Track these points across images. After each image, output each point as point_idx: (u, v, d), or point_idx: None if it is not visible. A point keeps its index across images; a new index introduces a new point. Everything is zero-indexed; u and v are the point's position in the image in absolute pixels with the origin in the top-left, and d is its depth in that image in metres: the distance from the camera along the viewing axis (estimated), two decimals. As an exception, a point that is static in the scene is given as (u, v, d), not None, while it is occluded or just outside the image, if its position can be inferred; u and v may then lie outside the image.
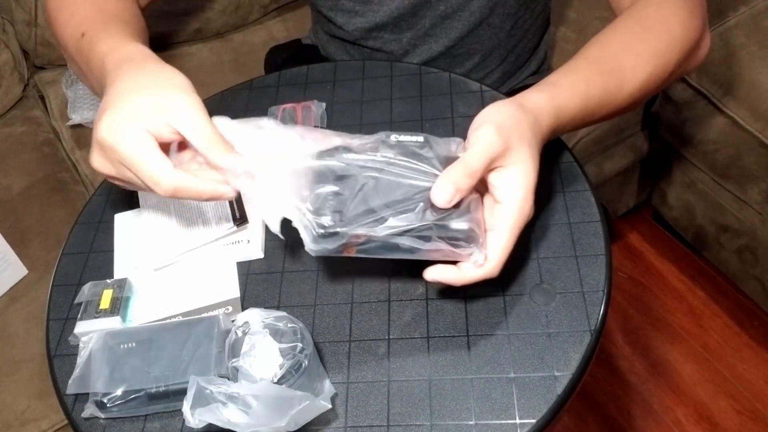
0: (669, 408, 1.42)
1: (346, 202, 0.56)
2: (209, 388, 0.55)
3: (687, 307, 1.56)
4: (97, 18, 0.72)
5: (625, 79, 0.67)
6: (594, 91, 0.65)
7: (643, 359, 1.49)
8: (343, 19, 1.00)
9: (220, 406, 0.55)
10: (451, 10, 0.95)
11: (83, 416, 0.63)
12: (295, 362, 0.56)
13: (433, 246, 0.56)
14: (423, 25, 0.97)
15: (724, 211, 1.35)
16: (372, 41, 1.01)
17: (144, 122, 0.57)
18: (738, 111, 1.22)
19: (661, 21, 0.69)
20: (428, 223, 0.55)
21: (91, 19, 0.72)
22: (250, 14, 1.49)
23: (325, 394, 0.58)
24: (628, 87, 0.67)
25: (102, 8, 0.74)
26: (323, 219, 0.55)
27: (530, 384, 0.60)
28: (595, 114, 0.67)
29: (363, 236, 0.55)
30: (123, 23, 0.72)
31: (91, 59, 0.67)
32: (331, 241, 0.56)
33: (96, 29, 0.70)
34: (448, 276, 0.58)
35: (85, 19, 0.72)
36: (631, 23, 0.69)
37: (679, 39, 0.69)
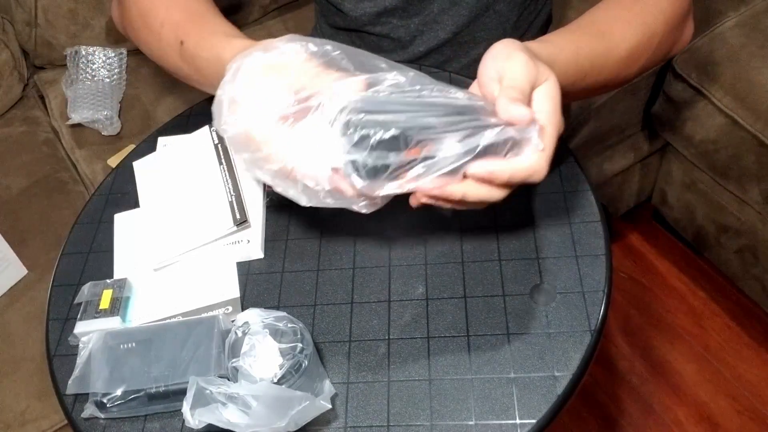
0: (669, 408, 1.42)
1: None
2: (209, 388, 0.55)
3: (687, 307, 1.56)
4: (188, 22, 0.71)
5: (613, 44, 0.70)
6: (584, 51, 0.67)
7: (644, 359, 1.49)
8: (351, 4, 1.00)
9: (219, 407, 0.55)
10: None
11: (83, 416, 0.63)
12: (295, 362, 0.56)
13: (499, 134, 0.53)
14: (431, 10, 0.97)
15: (724, 211, 1.35)
16: (380, 27, 1.01)
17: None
18: (738, 111, 1.22)
19: (647, 1, 0.73)
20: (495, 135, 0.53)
21: (183, 24, 0.71)
22: (250, 14, 1.50)
23: (325, 394, 0.58)
24: (616, 52, 0.70)
25: (187, 9, 0.73)
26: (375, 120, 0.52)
27: (530, 384, 0.60)
28: (588, 75, 0.68)
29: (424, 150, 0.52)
30: (212, 18, 0.71)
31: (202, 67, 0.68)
32: (382, 156, 0.52)
33: (192, 35, 0.70)
34: (498, 168, 0.54)
35: (177, 26, 0.72)
36: (614, 4, 0.73)
37: (664, 13, 0.73)
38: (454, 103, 0.54)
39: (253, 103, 0.56)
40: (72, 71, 1.36)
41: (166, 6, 0.74)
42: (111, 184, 0.83)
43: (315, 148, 0.54)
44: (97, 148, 1.31)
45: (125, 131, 1.33)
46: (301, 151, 0.55)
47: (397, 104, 0.53)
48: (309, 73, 0.56)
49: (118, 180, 0.83)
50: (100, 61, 1.36)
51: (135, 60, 1.40)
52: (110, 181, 0.83)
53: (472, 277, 0.67)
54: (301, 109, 0.55)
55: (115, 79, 1.37)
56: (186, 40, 0.70)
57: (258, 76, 0.57)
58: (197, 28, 0.70)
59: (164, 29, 0.73)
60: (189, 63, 0.70)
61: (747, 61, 1.23)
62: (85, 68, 1.35)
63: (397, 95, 0.54)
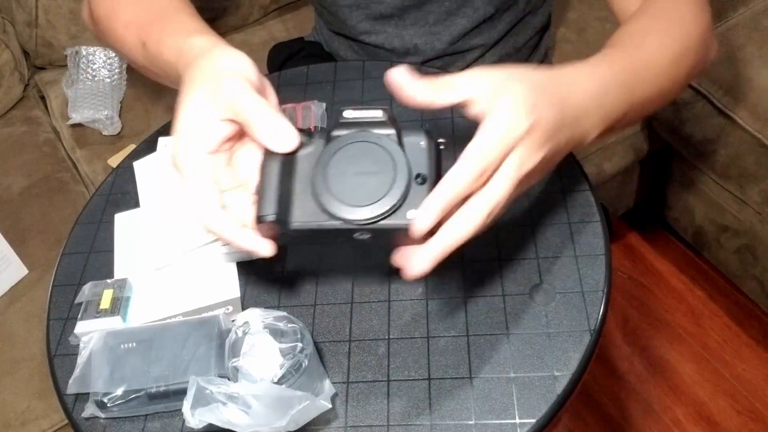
0: (668, 408, 1.42)
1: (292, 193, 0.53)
2: (209, 388, 0.55)
3: (687, 307, 1.56)
4: (151, 22, 0.69)
5: (653, 55, 0.64)
6: (623, 64, 0.61)
7: (643, 359, 1.49)
8: (346, 12, 1.00)
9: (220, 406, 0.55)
10: (455, 6, 0.95)
11: (83, 416, 0.63)
12: (295, 362, 0.57)
13: None
14: (427, 21, 0.97)
15: (723, 211, 1.35)
16: (375, 36, 1.01)
17: (202, 136, 0.55)
18: (738, 111, 1.22)
19: (676, 13, 0.68)
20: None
21: (145, 25, 0.69)
22: (251, 15, 1.50)
23: (325, 394, 0.59)
24: (658, 62, 0.64)
25: (151, 8, 0.70)
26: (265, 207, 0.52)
27: (530, 384, 0.60)
28: (635, 89, 0.61)
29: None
30: (175, 16, 0.68)
31: (165, 69, 0.66)
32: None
33: (153, 36, 0.67)
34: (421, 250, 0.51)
35: (140, 27, 0.69)
36: (646, 19, 0.68)
37: (696, 30, 0.69)
38: None
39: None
40: (72, 71, 1.36)
41: (131, 6, 0.72)
42: (111, 184, 0.83)
43: None
44: (97, 148, 1.31)
45: (126, 131, 1.33)
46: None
47: None
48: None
49: (118, 180, 0.83)
50: (100, 61, 1.37)
51: (135, 60, 1.40)
52: (111, 181, 0.83)
53: (471, 276, 0.67)
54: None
55: (116, 79, 1.37)
56: (147, 42, 0.68)
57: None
58: (159, 29, 0.67)
59: (128, 30, 0.71)
60: (153, 64, 0.68)
61: (747, 62, 1.23)
62: (85, 68, 1.36)
63: None
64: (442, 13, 0.96)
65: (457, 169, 0.48)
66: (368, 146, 0.52)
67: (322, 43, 1.15)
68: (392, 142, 0.52)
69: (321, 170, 0.52)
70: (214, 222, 0.54)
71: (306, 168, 0.53)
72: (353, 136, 0.52)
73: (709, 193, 1.37)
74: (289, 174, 0.53)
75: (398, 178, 0.50)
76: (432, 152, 0.52)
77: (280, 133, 0.53)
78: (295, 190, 0.52)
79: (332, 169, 0.52)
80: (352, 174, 0.51)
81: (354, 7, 0.99)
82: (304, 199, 0.52)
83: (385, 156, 0.51)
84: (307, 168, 0.52)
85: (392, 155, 0.51)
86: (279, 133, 0.53)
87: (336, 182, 0.51)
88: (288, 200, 0.52)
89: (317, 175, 0.52)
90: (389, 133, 0.52)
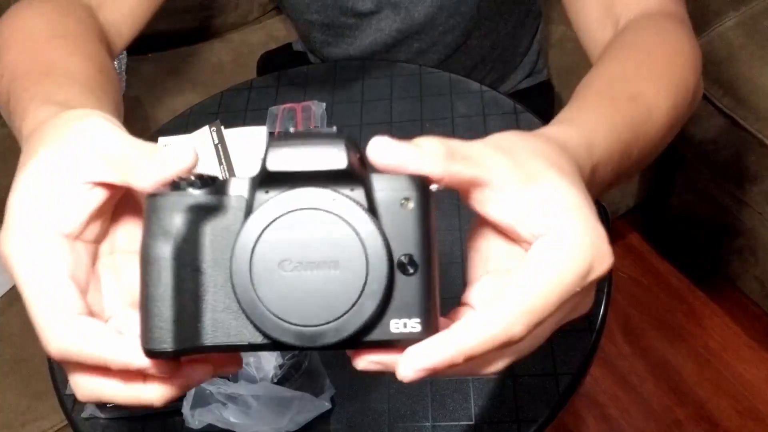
0: (669, 408, 1.42)
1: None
2: (209, 388, 0.55)
3: (687, 307, 1.56)
4: (25, 78, 0.51)
5: (651, 104, 0.51)
6: (623, 121, 0.47)
7: (643, 359, 1.49)
8: (318, 48, 1.01)
9: (220, 407, 0.55)
10: (426, 46, 0.95)
11: (83, 416, 0.63)
12: (296, 362, 0.56)
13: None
14: (398, 59, 0.97)
15: (724, 211, 1.35)
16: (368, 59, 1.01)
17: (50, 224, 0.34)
18: (738, 111, 1.22)
19: (662, 43, 0.56)
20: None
21: (19, 79, 0.51)
22: (250, 13, 1.49)
23: (325, 394, 0.58)
24: (657, 114, 0.51)
25: (40, 59, 0.53)
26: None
27: (530, 384, 0.60)
28: (632, 149, 0.48)
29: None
30: (53, 77, 0.50)
31: (16, 133, 0.48)
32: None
33: (15, 94, 0.50)
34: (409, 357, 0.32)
35: (13, 80, 0.52)
36: (626, 51, 0.56)
37: (687, 57, 0.56)
38: None
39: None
40: (72, 71, 1.36)
41: (20, 51, 0.55)
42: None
43: None
44: (97, 148, 1.31)
45: (125, 131, 1.33)
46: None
47: None
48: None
49: (118, 180, 0.83)
50: (100, 62, 1.36)
51: (135, 61, 1.40)
52: (110, 181, 0.83)
53: (472, 277, 0.67)
54: None
55: (115, 79, 1.37)
56: (10, 99, 0.51)
57: None
58: (24, 87, 0.50)
59: (2, 80, 0.54)
60: (10, 124, 0.51)
61: (747, 61, 1.23)
62: (85, 68, 1.35)
63: None
64: (413, 53, 0.96)
65: (498, 319, 0.31)
66: (316, 216, 0.31)
67: (307, 53, 1.15)
68: (356, 207, 0.31)
69: (242, 262, 0.31)
70: (79, 344, 0.33)
71: (217, 256, 0.32)
72: (290, 198, 0.31)
73: (709, 192, 1.37)
74: (191, 267, 0.32)
75: (372, 270, 0.31)
76: (423, 214, 0.32)
77: (175, 155, 0.34)
78: (203, 297, 0.32)
79: (260, 260, 0.31)
80: (294, 269, 0.31)
81: (325, 44, 0.99)
82: (221, 311, 0.32)
83: (347, 233, 0.31)
84: (218, 256, 0.32)
85: (358, 231, 0.31)
86: (173, 155, 0.34)
87: (269, 286, 0.31)
88: (194, 313, 0.32)
89: (237, 272, 0.31)
90: (351, 193, 0.31)
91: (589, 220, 0.33)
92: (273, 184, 0.32)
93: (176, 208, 0.32)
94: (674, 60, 0.55)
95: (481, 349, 0.31)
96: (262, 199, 0.32)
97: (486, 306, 0.32)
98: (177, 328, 0.32)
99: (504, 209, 0.33)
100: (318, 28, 0.97)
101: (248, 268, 0.31)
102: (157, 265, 0.32)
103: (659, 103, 0.51)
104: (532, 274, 0.31)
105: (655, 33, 0.57)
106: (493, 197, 0.33)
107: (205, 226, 0.33)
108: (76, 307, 0.33)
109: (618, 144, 0.46)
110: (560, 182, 0.34)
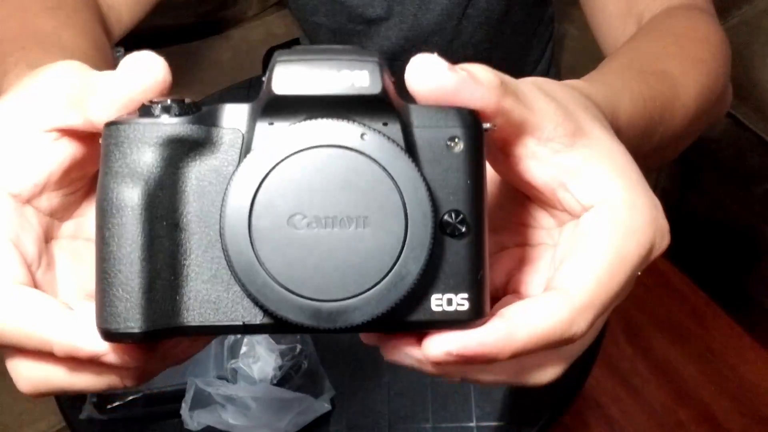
0: (671, 410, 1.42)
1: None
2: (208, 389, 0.55)
3: (690, 307, 1.55)
4: (12, 40, 0.47)
5: (677, 85, 0.46)
6: (648, 93, 0.42)
7: (646, 360, 1.49)
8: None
9: (219, 408, 0.55)
10: (445, 47, 0.95)
11: (81, 418, 0.62)
12: (295, 363, 0.56)
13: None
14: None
15: (726, 210, 1.35)
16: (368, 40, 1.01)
17: None
18: (740, 110, 1.22)
19: (692, 29, 0.53)
20: None
21: (5, 41, 0.48)
22: (249, 9, 1.49)
23: (325, 394, 0.58)
24: (684, 96, 0.46)
25: (30, 24, 0.49)
26: None
27: (532, 385, 0.59)
28: (655, 126, 0.44)
29: None
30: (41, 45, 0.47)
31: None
32: None
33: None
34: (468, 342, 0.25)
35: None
36: (655, 33, 0.52)
37: (718, 47, 0.53)
38: None
39: None
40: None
41: (9, 17, 0.51)
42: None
43: None
44: (97, 147, 1.30)
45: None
46: None
47: None
48: None
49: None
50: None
51: (134, 59, 1.39)
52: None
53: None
54: None
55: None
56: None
57: None
58: (8, 52, 0.46)
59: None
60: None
61: (750, 60, 1.22)
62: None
63: None
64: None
65: (559, 311, 0.25)
66: (339, 157, 0.24)
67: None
68: (392, 146, 0.24)
69: (238, 216, 0.24)
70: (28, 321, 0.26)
71: (204, 207, 0.25)
72: (304, 131, 0.24)
73: (711, 192, 1.37)
74: (167, 220, 0.25)
75: (413, 228, 0.24)
76: (475, 160, 0.25)
77: (137, 66, 0.28)
78: (183, 261, 0.25)
79: (263, 214, 0.24)
80: (308, 225, 0.24)
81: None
82: (208, 279, 0.25)
83: (380, 179, 0.24)
84: (205, 207, 0.25)
85: (395, 178, 0.24)
86: (134, 66, 0.28)
87: (275, 247, 0.24)
88: (171, 282, 0.25)
89: (231, 229, 0.24)
90: (384, 128, 0.25)
91: (646, 188, 0.28)
92: (280, 113, 0.24)
93: (146, 141, 0.24)
94: (704, 46, 0.52)
95: (535, 344, 0.25)
96: (265, 132, 0.24)
97: (539, 295, 0.26)
98: (147, 302, 0.24)
99: (549, 169, 0.27)
100: (325, 32, 0.96)
101: (246, 224, 0.23)
102: (120, 216, 0.24)
103: (687, 84, 0.47)
104: (594, 259, 0.26)
105: (685, 20, 0.54)
106: (537, 152, 0.27)
107: (187, 166, 0.25)
108: (15, 275, 0.26)
109: (642, 115, 0.41)
110: (609, 140, 0.28)
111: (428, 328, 0.25)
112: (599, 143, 0.27)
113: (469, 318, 0.25)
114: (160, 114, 0.25)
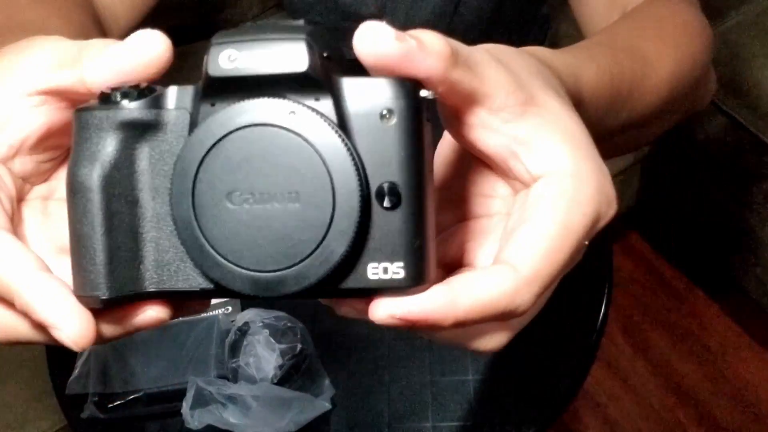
0: (670, 409, 1.42)
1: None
2: (209, 388, 0.55)
3: (688, 307, 1.55)
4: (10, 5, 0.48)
5: (649, 64, 0.47)
6: (616, 68, 0.42)
7: (644, 359, 1.49)
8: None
9: (219, 407, 0.55)
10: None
11: (83, 417, 0.62)
12: (296, 363, 0.56)
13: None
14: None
15: (725, 210, 1.35)
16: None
17: None
18: (739, 110, 1.22)
19: (672, 15, 0.54)
20: None
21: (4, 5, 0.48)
22: (250, 9, 1.49)
23: (325, 394, 0.58)
24: (655, 76, 0.47)
25: (12, 16, 0.48)
26: None
27: (530, 384, 0.59)
28: (622, 102, 0.44)
29: None
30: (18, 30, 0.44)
31: None
32: None
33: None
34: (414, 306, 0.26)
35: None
36: (634, 15, 0.54)
37: (699, 32, 0.54)
38: None
39: None
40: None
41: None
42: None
43: None
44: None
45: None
46: None
47: None
48: None
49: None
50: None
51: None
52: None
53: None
54: None
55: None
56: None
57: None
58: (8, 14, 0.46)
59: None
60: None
61: (748, 61, 1.22)
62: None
63: None
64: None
65: (502, 284, 0.26)
66: (270, 135, 0.25)
67: None
68: (321, 121, 0.25)
69: (183, 193, 0.26)
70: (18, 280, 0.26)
71: (158, 184, 0.27)
72: (238, 111, 0.25)
73: (710, 192, 1.37)
74: (125, 198, 0.27)
75: (340, 202, 0.25)
76: (411, 130, 0.26)
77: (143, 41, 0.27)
78: (143, 234, 0.27)
79: (205, 191, 0.26)
80: (244, 201, 0.26)
81: None
82: (167, 250, 0.27)
83: (308, 155, 0.25)
84: (159, 184, 0.27)
85: (321, 153, 0.25)
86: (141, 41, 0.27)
87: (216, 222, 0.26)
88: (133, 253, 0.27)
89: (178, 205, 0.26)
90: (316, 104, 0.25)
91: (595, 157, 0.28)
92: (219, 94, 0.26)
93: (105, 126, 0.27)
94: (682, 30, 0.52)
95: (477, 315, 0.26)
96: (206, 113, 0.26)
97: (485, 268, 0.26)
98: (110, 271, 0.26)
99: (499, 138, 0.27)
100: None
101: (190, 201, 0.26)
102: (83, 195, 0.26)
103: (661, 65, 0.47)
104: (539, 232, 0.26)
105: (666, 8, 0.55)
106: (487, 121, 0.27)
107: (143, 148, 0.27)
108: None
109: (608, 88, 0.41)
110: (561, 109, 0.28)
111: (368, 295, 0.26)
112: (551, 112, 0.28)
113: (406, 285, 0.26)
114: (119, 100, 0.27)
